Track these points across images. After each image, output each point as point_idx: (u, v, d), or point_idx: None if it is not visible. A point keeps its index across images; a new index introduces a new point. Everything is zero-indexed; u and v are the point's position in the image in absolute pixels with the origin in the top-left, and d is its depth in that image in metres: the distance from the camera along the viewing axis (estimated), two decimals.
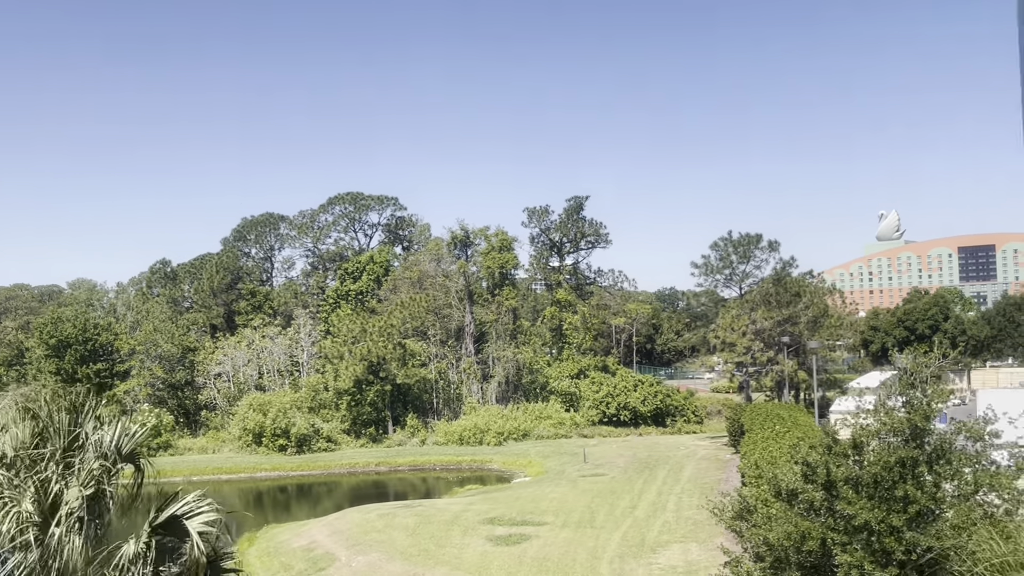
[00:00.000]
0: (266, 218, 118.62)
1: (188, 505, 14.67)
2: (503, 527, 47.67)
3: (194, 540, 13.94)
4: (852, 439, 20.48)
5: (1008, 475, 20.31)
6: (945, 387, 22.21)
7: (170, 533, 14.56)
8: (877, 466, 19.10)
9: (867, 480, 19.26)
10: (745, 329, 72.72)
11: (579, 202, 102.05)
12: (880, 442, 20.74)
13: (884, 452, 19.58)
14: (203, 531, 14.23)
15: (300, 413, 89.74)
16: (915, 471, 19.25)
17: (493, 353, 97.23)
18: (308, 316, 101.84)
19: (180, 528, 14.47)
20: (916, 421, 19.88)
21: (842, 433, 22.29)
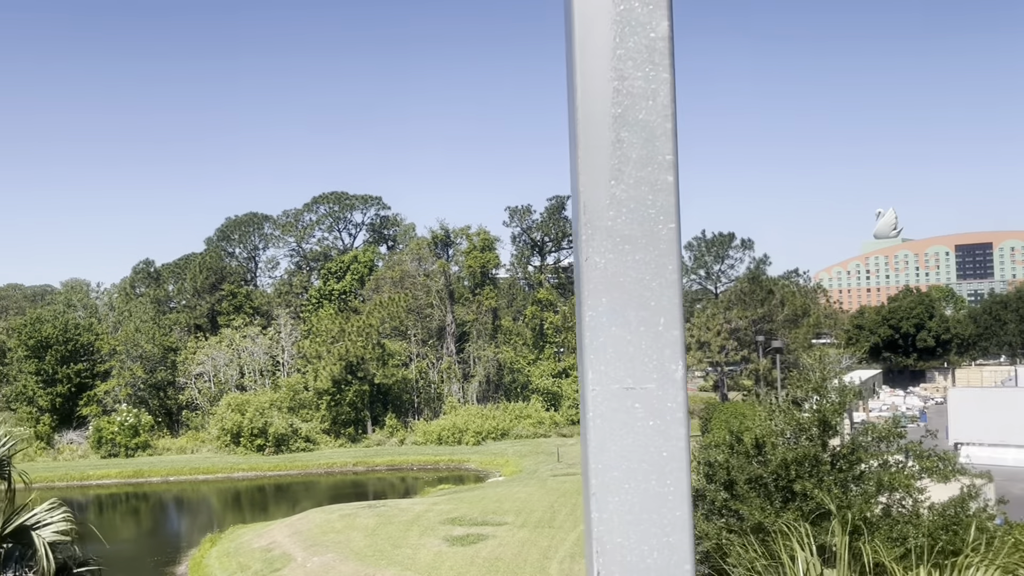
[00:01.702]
0: (250, 218, 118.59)
1: (36, 516, 14.62)
2: (462, 527, 47.59)
3: (42, 550, 13.89)
4: (754, 439, 20.38)
5: (909, 475, 20.19)
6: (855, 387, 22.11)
7: (19, 542, 14.52)
8: (774, 463, 19.01)
9: (767, 479, 19.16)
10: (720, 328, 72.59)
11: (561, 202, 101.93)
12: (787, 441, 20.66)
13: (787, 451, 19.48)
14: (55, 540, 14.23)
15: (279, 413, 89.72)
16: (818, 469, 19.15)
17: (474, 353, 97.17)
18: (289, 316, 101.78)
19: (30, 538, 14.42)
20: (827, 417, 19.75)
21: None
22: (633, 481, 2.22)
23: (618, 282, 2.19)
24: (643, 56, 2.20)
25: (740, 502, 19.04)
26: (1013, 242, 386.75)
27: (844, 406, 20.25)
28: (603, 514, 2.23)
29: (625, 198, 2.22)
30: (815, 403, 20.51)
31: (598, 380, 2.24)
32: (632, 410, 2.22)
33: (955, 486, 35.28)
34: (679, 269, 2.28)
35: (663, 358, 2.22)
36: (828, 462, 19.35)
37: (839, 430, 20.47)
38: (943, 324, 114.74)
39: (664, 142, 2.24)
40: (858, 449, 19.67)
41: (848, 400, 21.03)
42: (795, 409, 20.60)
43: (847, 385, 21.41)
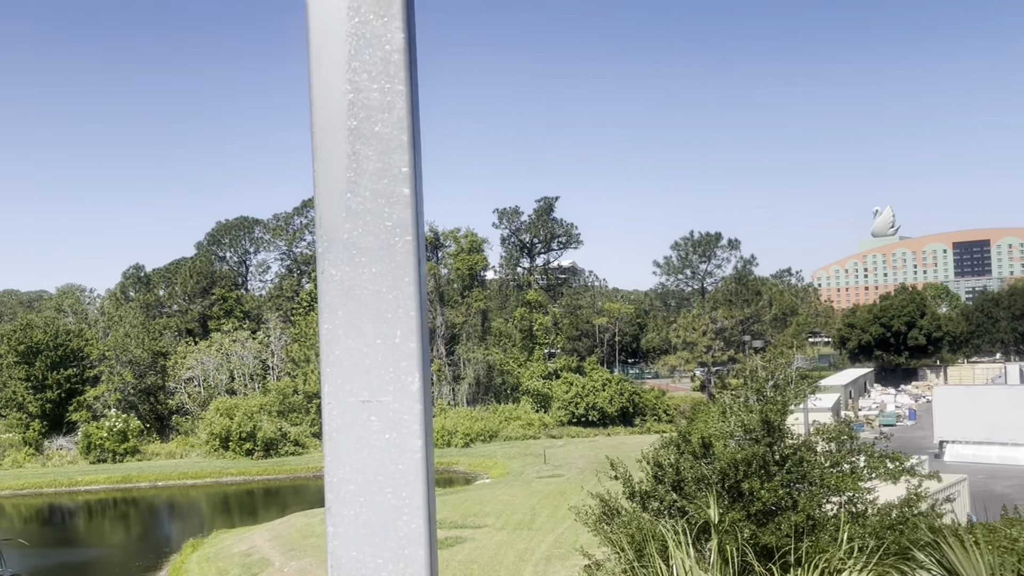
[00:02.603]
0: (240, 222, 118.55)
1: None
2: (442, 530, 47.53)
3: None
4: (701, 439, 20.34)
5: (857, 476, 20.11)
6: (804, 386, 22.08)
7: None
8: (721, 461, 18.97)
9: (714, 479, 19.12)
10: (706, 328, 72.55)
11: (549, 203, 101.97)
12: (736, 441, 20.62)
13: (735, 451, 19.43)
14: None
15: (269, 417, 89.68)
16: (766, 469, 19.08)
17: (464, 355, 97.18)
18: (279, 319, 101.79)
19: None
20: (769, 417, 19.67)
21: None
22: (368, 494, 2.23)
23: (355, 295, 2.19)
24: (379, 69, 2.19)
25: (688, 502, 18.99)
26: (1011, 239, 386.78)
27: (787, 407, 20.15)
28: (338, 528, 2.23)
29: (361, 211, 2.21)
30: (757, 404, 20.46)
31: (334, 393, 2.25)
32: (368, 423, 2.22)
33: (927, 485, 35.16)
34: (416, 281, 2.28)
35: (400, 371, 2.21)
36: (775, 463, 19.27)
37: (784, 431, 20.31)
38: (934, 322, 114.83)
39: (400, 154, 2.23)
40: (801, 449, 19.56)
41: (794, 400, 20.96)
42: (743, 411, 20.55)
43: (799, 386, 21.35)
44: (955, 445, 63.53)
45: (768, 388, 20.32)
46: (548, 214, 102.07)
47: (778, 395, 20.44)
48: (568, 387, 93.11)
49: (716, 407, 23.06)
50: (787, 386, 21.19)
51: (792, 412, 20.99)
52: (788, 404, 20.31)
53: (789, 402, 20.38)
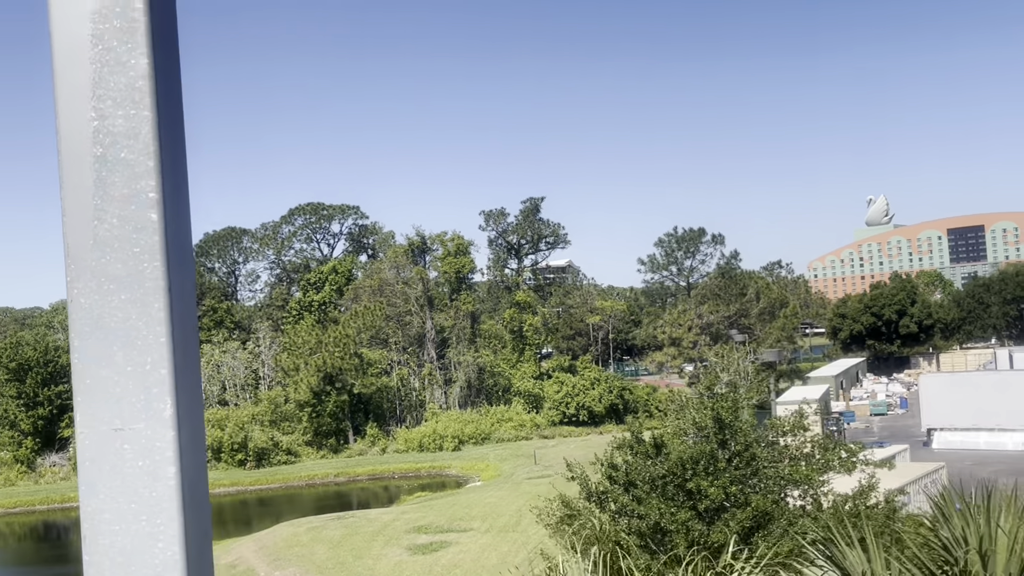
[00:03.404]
0: (228, 232, 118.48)
1: None
2: (427, 535, 47.53)
3: None
4: (652, 438, 20.33)
5: (813, 469, 20.10)
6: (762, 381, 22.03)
7: None
8: (669, 462, 18.95)
9: (665, 479, 19.11)
10: (691, 324, 72.50)
11: (535, 203, 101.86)
12: (692, 439, 20.62)
13: (683, 449, 19.42)
14: None
15: (260, 427, 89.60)
16: (714, 466, 19.06)
17: (454, 358, 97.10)
18: (269, 329, 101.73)
19: None
20: (720, 414, 19.66)
21: None
22: (123, 522, 2.21)
23: (104, 323, 2.17)
24: (123, 95, 2.16)
25: (639, 503, 18.98)
26: (1005, 224, 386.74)
27: (738, 404, 20.13)
28: (94, 557, 2.22)
29: (109, 238, 2.19)
30: (707, 401, 20.46)
31: (87, 423, 2.22)
32: (121, 451, 2.20)
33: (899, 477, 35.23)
34: (167, 307, 2.24)
35: (151, 397, 2.19)
36: (725, 460, 19.25)
37: (738, 427, 20.27)
38: (925, 310, 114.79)
39: (147, 180, 2.21)
40: (752, 445, 19.54)
41: (747, 397, 20.95)
42: (697, 408, 20.55)
43: (758, 380, 21.34)
44: (943, 432, 63.50)
45: (720, 384, 20.25)
46: (534, 215, 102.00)
47: (729, 392, 20.39)
48: (559, 387, 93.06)
49: (674, 405, 23.02)
50: (745, 381, 21.10)
51: (744, 408, 20.98)
52: (741, 401, 20.26)
53: (743, 398, 20.33)
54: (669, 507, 18.47)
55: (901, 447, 47.36)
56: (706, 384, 20.35)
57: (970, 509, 9.06)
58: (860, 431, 75.58)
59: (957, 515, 8.87)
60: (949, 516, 8.94)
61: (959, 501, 9.36)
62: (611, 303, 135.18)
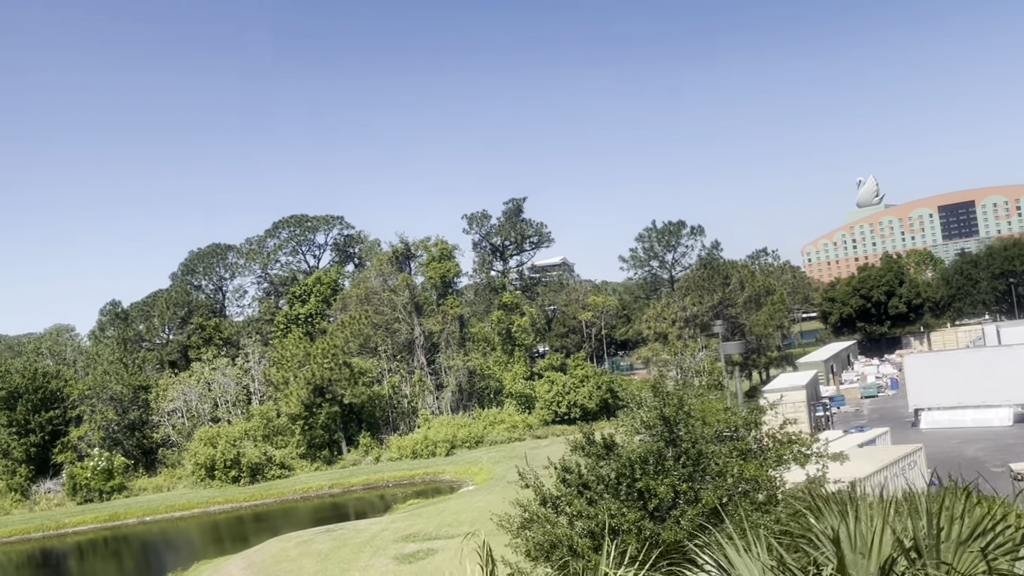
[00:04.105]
0: (213, 249, 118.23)
1: None
2: (415, 543, 47.43)
3: None
4: (602, 438, 20.28)
5: (761, 463, 20.03)
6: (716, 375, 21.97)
7: None
8: (617, 462, 18.90)
9: (612, 479, 19.06)
10: (675, 317, 72.43)
11: (517, 204, 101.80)
12: (642, 437, 20.56)
13: (631, 449, 19.38)
14: None
15: (253, 442, 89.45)
16: (662, 465, 19.01)
17: (444, 363, 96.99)
18: (258, 343, 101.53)
19: None
20: (670, 415, 19.61)
21: None
22: None
23: None
24: None
25: (591, 505, 18.93)
26: (995, 198, 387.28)
27: (684, 401, 20.06)
28: None
29: None
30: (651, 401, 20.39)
31: None
32: None
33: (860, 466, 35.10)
34: None
35: None
36: (673, 458, 19.19)
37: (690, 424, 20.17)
38: (913, 289, 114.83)
39: None
40: (699, 442, 19.47)
41: (697, 392, 20.90)
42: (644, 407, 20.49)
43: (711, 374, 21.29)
44: (930, 412, 63.45)
45: (668, 381, 20.19)
46: (517, 216, 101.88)
47: (680, 389, 20.32)
48: (550, 386, 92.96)
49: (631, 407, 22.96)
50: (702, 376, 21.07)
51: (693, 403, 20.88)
52: (687, 397, 20.20)
53: (692, 394, 20.27)
54: (620, 508, 18.42)
55: (881, 430, 47.31)
56: (651, 384, 20.34)
57: (851, 503, 9.03)
58: (850, 415, 75.56)
59: (828, 511, 8.83)
60: (820, 511, 8.92)
61: None
62: (603, 299, 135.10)
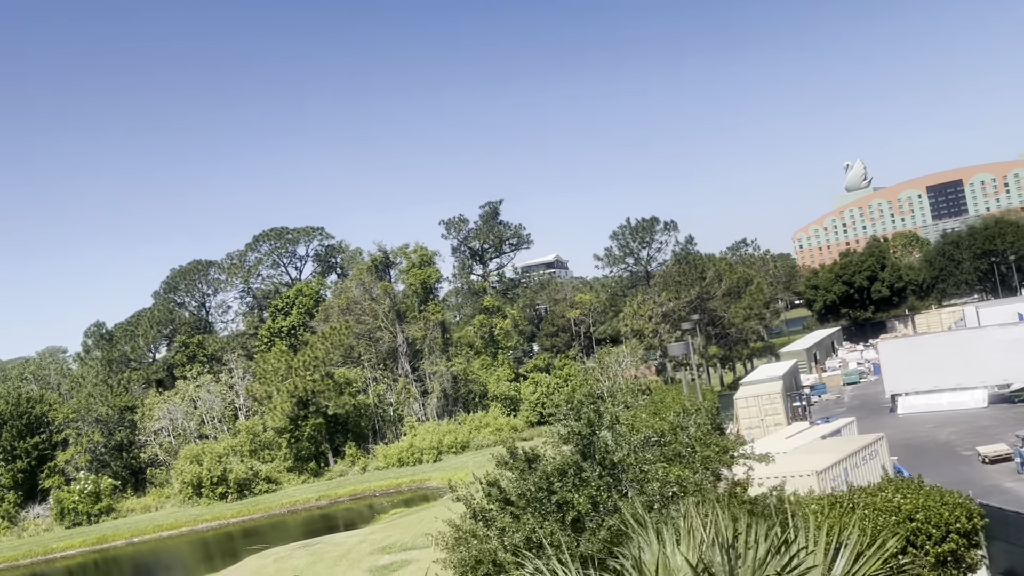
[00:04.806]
0: (194, 266, 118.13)
1: None
2: (390, 555, 47.41)
3: None
4: (523, 453, 20.24)
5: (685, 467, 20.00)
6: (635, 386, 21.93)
7: None
8: (534, 476, 18.87)
9: (532, 492, 19.02)
10: (651, 313, 72.40)
11: (494, 207, 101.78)
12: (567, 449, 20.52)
13: (548, 462, 19.35)
14: None
15: (240, 457, 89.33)
16: (580, 477, 18.97)
17: (428, 369, 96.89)
18: (242, 359, 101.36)
19: None
20: (581, 429, 19.59)
21: None
22: None
23: None
24: None
25: (516, 519, 18.90)
26: (982, 176, 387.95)
27: (602, 415, 20.01)
28: None
29: None
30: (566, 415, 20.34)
31: None
32: None
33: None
34: None
35: None
36: (591, 469, 19.15)
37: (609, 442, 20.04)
38: (895, 273, 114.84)
39: None
40: (616, 451, 19.43)
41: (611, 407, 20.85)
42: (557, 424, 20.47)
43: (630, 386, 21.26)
44: (907, 397, 63.37)
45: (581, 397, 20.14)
46: (494, 218, 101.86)
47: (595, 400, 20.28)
48: (535, 387, 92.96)
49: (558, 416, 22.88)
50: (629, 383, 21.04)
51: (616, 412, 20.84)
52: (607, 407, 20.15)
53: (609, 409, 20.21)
54: (539, 521, 18.39)
55: (847, 420, 47.29)
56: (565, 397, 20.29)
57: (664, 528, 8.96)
58: (831, 402, 75.60)
59: (639, 533, 8.78)
60: (628, 535, 8.86)
61: None
62: (589, 296, 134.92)
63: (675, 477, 19.47)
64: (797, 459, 35.70)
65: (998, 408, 57.72)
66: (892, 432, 57.32)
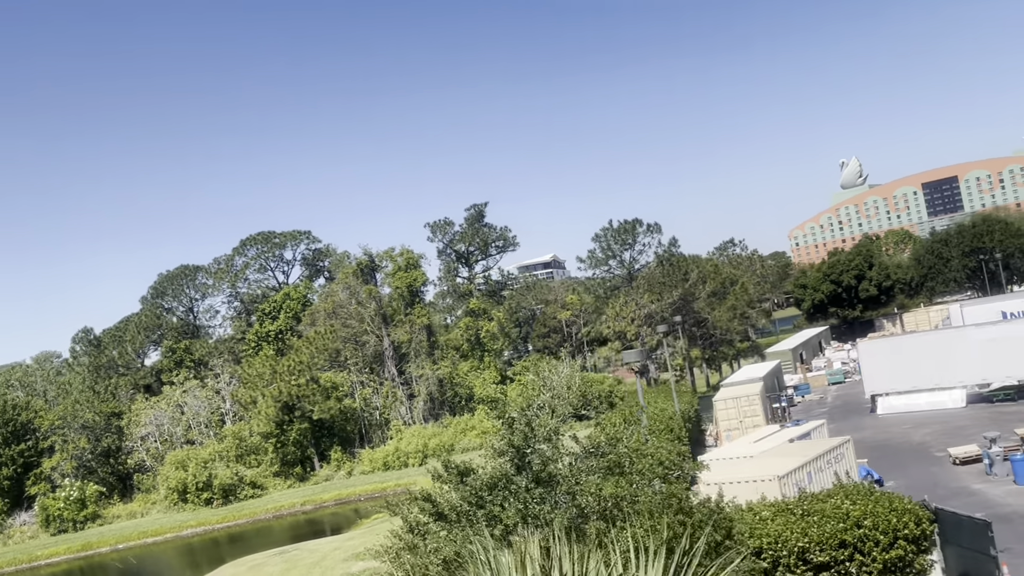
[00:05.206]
0: (181, 271, 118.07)
1: None
2: (363, 562, 47.22)
3: None
4: (456, 467, 20.18)
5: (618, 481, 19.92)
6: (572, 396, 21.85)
7: None
8: (464, 489, 18.82)
9: (461, 506, 18.97)
10: (633, 315, 72.34)
11: (479, 209, 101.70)
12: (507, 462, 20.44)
13: (479, 475, 19.29)
14: None
15: (225, 463, 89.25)
16: (510, 490, 18.91)
17: (415, 373, 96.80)
18: (228, 363, 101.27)
19: None
20: (514, 442, 19.52)
21: None
22: None
23: None
24: None
25: (447, 532, 18.84)
26: (978, 172, 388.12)
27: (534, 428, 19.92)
28: None
29: None
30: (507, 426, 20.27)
31: None
32: None
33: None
34: None
35: None
36: (522, 484, 19.08)
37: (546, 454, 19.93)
38: (883, 272, 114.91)
39: None
40: (548, 465, 19.34)
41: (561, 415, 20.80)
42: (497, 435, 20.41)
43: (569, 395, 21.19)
44: (887, 397, 63.36)
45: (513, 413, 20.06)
46: (479, 221, 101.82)
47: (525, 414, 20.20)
48: (521, 390, 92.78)
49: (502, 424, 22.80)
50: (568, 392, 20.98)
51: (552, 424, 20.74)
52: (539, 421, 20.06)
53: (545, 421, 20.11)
54: (467, 535, 18.32)
55: (817, 423, 47.17)
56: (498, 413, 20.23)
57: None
58: (813, 403, 75.62)
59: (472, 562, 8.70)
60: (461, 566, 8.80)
61: None
62: (574, 298, 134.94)
63: (609, 491, 19.40)
64: (760, 463, 35.63)
65: (976, 408, 57.71)
66: (869, 433, 57.41)
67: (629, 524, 19.53)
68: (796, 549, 24.40)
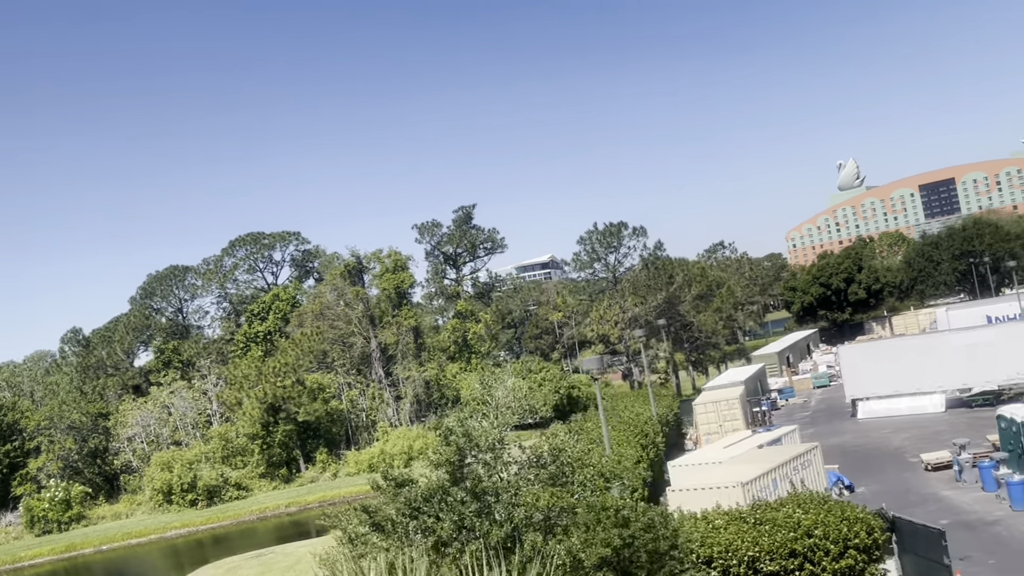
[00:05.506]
0: (171, 272, 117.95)
1: None
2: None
3: None
4: (393, 479, 20.10)
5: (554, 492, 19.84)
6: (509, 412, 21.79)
7: None
8: (398, 501, 18.75)
9: (395, 518, 18.90)
10: (617, 319, 72.23)
11: (467, 212, 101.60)
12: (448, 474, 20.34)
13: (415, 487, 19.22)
14: None
15: (211, 464, 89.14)
16: (446, 501, 18.82)
17: (402, 374, 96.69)
18: (215, 364, 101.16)
19: None
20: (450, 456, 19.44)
21: None
22: None
23: None
24: None
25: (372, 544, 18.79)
26: (975, 174, 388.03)
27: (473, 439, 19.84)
28: None
29: None
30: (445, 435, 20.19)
31: None
32: None
33: None
34: None
35: None
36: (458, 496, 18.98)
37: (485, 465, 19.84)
38: (872, 275, 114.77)
39: None
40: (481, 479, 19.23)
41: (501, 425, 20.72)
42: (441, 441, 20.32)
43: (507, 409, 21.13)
44: (868, 402, 63.30)
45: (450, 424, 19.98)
46: (467, 223, 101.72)
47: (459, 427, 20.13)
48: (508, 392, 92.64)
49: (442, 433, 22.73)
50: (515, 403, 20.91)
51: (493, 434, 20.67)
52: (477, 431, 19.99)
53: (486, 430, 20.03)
54: (400, 547, 18.25)
55: (789, 428, 47.09)
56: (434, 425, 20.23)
57: None
58: (796, 407, 75.52)
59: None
60: None
61: None
62: (564, 299, 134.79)
63: (545, 502, 19.33)
64: (726, 470, 35.53)
65: (955, 413, 57.60)
66: (849, 437, 57.30)
67: (567, 536, 19.48)
68: (746, 558, 24.34)
